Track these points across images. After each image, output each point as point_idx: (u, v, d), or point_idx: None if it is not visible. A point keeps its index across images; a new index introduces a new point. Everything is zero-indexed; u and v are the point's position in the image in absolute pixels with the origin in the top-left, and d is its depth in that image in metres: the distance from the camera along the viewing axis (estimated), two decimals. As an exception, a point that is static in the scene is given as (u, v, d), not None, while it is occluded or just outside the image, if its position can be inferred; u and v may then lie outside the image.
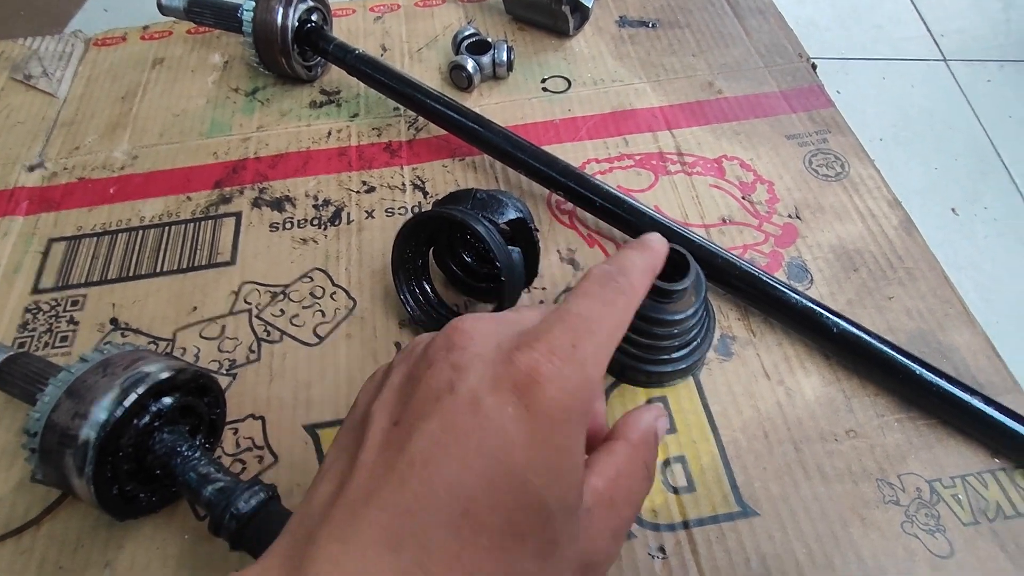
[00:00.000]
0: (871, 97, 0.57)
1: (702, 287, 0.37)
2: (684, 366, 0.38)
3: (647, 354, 0.37)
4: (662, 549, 0.34)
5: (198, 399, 0.35)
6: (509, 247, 0.38)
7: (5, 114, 0.57)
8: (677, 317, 0.35)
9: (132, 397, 0.31)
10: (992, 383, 0.40)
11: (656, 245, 0.26)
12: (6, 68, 0.60)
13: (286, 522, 0.30)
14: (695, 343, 0.38)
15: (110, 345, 0.34)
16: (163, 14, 0.59)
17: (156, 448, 0.32)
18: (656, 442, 0.23)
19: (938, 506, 0.35)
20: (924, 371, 0.37)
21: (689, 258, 0.35)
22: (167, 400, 0.33)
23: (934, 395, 0.37)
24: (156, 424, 0.32)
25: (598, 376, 0.20)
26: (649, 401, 0.39)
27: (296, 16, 0.54)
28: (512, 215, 0.39)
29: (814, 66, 0.58)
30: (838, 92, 0.57)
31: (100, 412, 0.30)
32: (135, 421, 0.32)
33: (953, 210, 0.49)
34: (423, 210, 0.39)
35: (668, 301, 0.35)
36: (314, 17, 0.56)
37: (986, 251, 0.47)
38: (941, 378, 0.37)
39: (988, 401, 0.37)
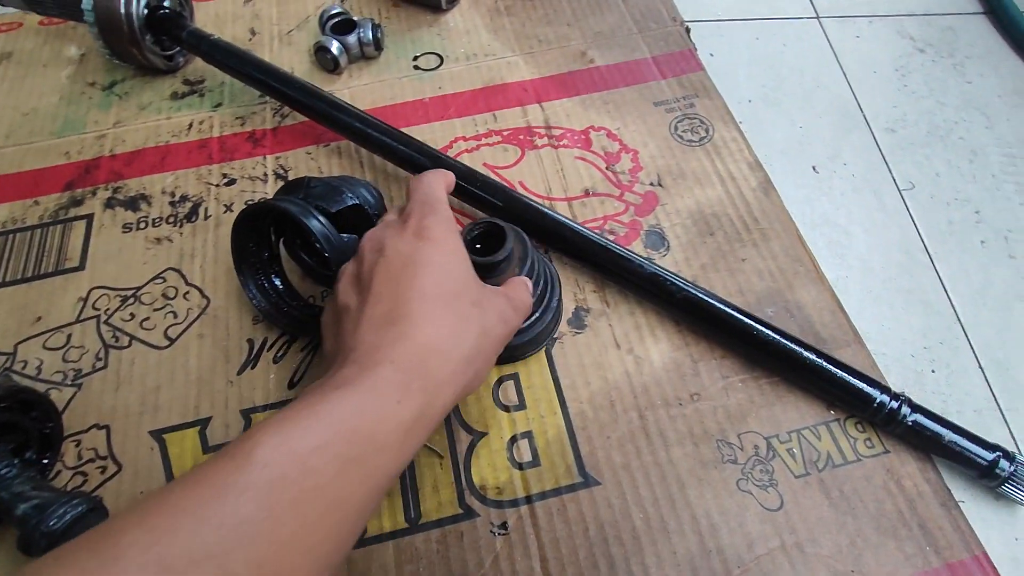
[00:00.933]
0: (744, 58, 0.57)
1: (527, 258, 0.36)
2: (526, 339, 0.38)
3: None
4: (504, 525, 0.35)
5: (21, 415, 0.34)
6: (345, 235, 0.37)
7: None
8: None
9: (-72, 420, 0.30)
10: (834, 337, 0.41)
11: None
12: None
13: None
14: (532, 316, 0.38)
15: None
16: (2, 4, 0.55)
17: (-32, 469, 0.31)
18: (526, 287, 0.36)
19: (773, 461, 0.36)
20: (764, 330, 0.38)
21: (507, 230, 0.35)
22: (-20, 418, 0.32)
23: (772, 353, 0.38)
24: (-33, 445, 0.31)
25: (449, 212, 0.34)
26: (500, 381, 0.39)
27: (143, 2, 0.51)
28: (349, 202, 0.38)
29: (688, 30, 0.58)
30: (711, 55, 0.57)
31: None
32: (-63, 444, 0.30)
33: (814, 168, 0.50)
34: (251, 203, 0.38)
35: (490, 275, 0.35)
36: (167, 3, 0.53)
37: (842, 206, 0.48)
38: (779, 336, 0.38)
39: (822, 355, 0.38)
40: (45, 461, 0.36)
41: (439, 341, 0.28)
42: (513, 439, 0.37)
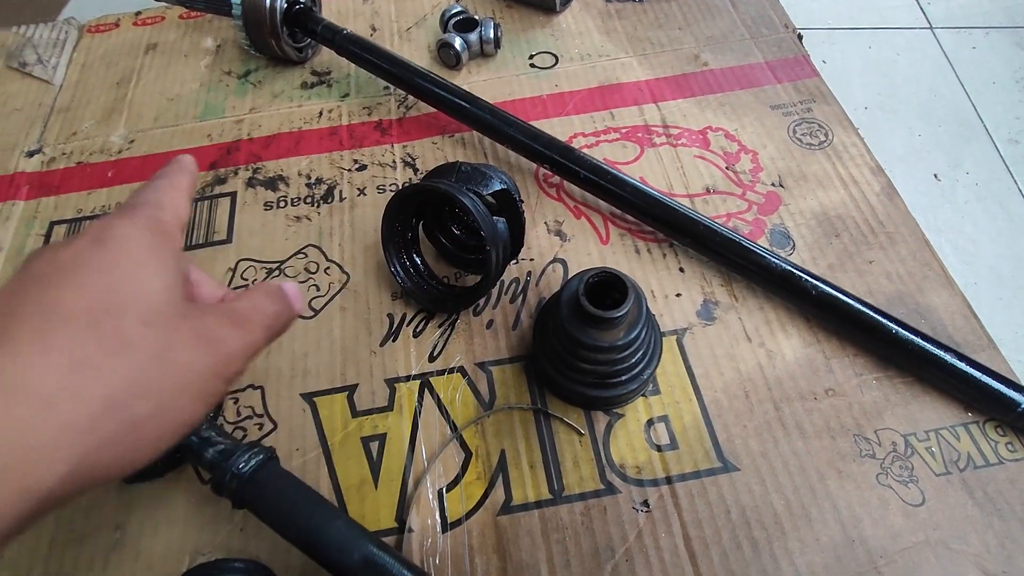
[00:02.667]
0: (856, 66, 0.57)
1: (640, 321, 0.35)
2: (633, 388, 0.37)
3: (584, 377, 0.36)
4: (646, 503, 0.36)
5: (198, 369, 0.37)
6: (494, 217, 0.39)
7: (2, 101, 0.58)
8: (617, 343, 0.35)
9: (134, 365, 0.32)
10: (968, 342, 0.41)
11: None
12: (1, 56, 0.61)
13: (285, 481, 0.32)
14: (617, 379, 0.36)
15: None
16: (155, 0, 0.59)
17: (159, 414, 0.34)
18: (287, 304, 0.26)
19: (912, 458, 0.37)
20: (901, 330, 0.39)
21: (628, 286, 0.34)
22: (168, 369, 0.34)
23: (910, 353, 0.38)
24: (158, 392, 0.34)
25: (160, 216, 0.24)
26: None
27: (284, -2, 0.54)
28: (497, 187, 0.40)
29: (800, 36, 0.58)
30: (824, 62, 0.58)
31: (104, 380, 0.32)
32: (138, 388, 0.33)
33: (935, 176, 0.50)
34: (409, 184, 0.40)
35: (599, 328, 0.34)
36: (302, -2, 0.57)
37: (967, 215, 0.48)
38: (917, 336, 0.38)
39: (962, 357, 0.38)
40: (211, 414, 0.38)
41: (50, 379, 0.18)
42: (650, 422, 0.38)
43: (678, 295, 0.43)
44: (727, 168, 0.50)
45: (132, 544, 0.36)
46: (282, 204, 0.49)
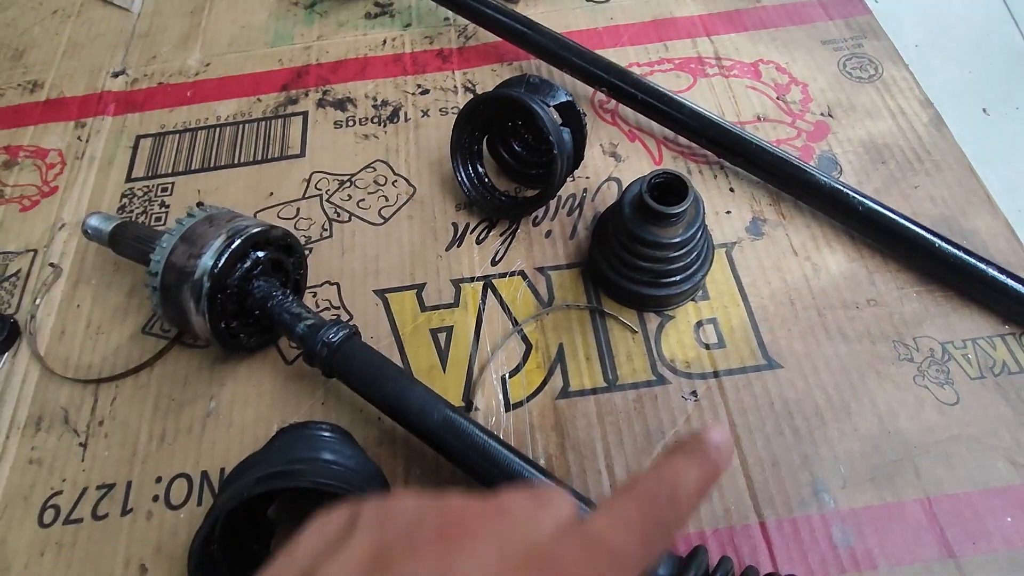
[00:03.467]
0: (908, 6, 0.58)
1: (696, 223, 0.37)
2: (685, 288, 0.39)
3: (640, 276, 0.39)
4: (694, 393, 0.38)
5: (286, 257, 0.40)
6: (562, 127, 0.41)
7: (87, 27, 0.61)
8: (675, 240, 0.37)
9: (237, 242, 0.36)
10: (1009, 263, 0.42)
11: (718, 454, 0.19)
12: (82, -15, 0.64)
13: (369, 353, 0.35)
14: (672, 278, 0.39)
15: (209, 206, 0.39)
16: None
17: (255, 292, 0.37)
18: None
19: (948, 363, 0.39)
20: (944, 244, 0.40)
21: (689, 186, 0.36)
22: (261, 253, 0.38)
23: (952, 267, 0.40)
24: (254, 272, 0.38)
25: None
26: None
27: (352, -72, 0.56)
28: (563, 98, 0.42)
29: (854, -25, 0.59)
30: (876, 1, 0.58)
31: (211, 254, 0.35)
32: (238, 265, 0.37)
33: (984, 110, 0.50)
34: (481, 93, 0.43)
35: (658, 224, 0.37)
36: (368, -70, 0.59)
37: (1015, 148, 0.49)
38: (960, 251, 0.40)
39: (1003, 271, 0.39)
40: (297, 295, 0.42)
41: None
42: (699, 324, 0.41)
43: (728, 212, 0.45)
44: (777, 98, 0.51)
45: (225, 413, 0.40)
46: (351, 123, 0.52)
